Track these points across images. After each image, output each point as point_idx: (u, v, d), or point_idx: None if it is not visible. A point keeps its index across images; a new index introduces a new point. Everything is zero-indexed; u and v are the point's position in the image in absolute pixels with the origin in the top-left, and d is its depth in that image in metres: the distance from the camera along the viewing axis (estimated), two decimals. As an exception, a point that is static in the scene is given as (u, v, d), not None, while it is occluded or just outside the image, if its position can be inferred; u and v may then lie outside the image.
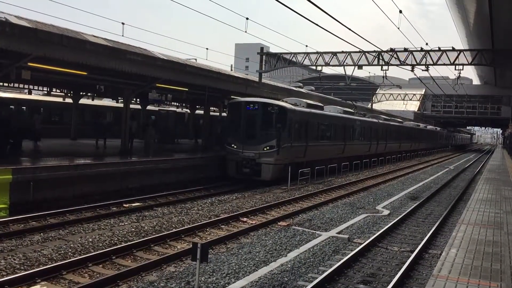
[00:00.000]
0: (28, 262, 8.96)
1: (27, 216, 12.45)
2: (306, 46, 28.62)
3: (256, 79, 27.29)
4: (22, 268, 8.67)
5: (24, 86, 28.72)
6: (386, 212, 16.07)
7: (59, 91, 29.67)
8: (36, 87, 29.63)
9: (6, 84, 26.39)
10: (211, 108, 33.64)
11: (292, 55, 28.67)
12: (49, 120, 29.45)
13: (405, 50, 26.13)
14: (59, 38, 14.26)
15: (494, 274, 6.79)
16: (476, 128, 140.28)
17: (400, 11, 22.13)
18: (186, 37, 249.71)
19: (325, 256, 10.31)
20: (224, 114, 32.10)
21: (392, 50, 26.28)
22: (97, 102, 34.30)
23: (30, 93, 31.01)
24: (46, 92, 31.20)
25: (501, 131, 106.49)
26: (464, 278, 6.55)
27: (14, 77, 15.81)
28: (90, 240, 10.68)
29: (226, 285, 8.17)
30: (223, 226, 13.07)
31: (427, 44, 26.99)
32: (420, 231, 13.45)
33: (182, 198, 16.96)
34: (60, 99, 30.09)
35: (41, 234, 11.22)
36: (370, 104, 59.52)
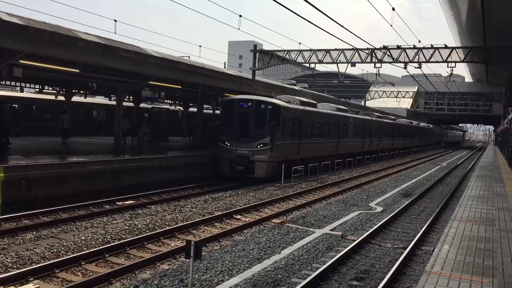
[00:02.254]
0: (21, 260, 8.91)
1: (20, 215, 12.38)
2: (300, 43, 28.64)
3: (250, 76, 27.27)
4: (14, 266, 8.62)
5: (15, 83, 28.51)
6: (379, 209, 16.13)
7: (51, 88, 29.48)
8: (28, 85, 29.42)
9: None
10: (204, 106, 33.55)
11: (286, 52, 28.66)
12: (41, 118, 29.33)
13: (398, 47, 26.21)
14: (51, 35, 14.16)
15: (486, 270, 6.83)
16: (469, 125, 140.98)
17: (393, 9, 22.18)
18: (179, 34, 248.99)
19: (318, 253, 10.34)
20: (217, 111, 32.06)
21: (385, 47, 26.35)
22: (90, 99, 34.13)
23: (22, 90, 30.79)
24: (38, 89, 30.98)
25: (493, 128, 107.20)
26: (456, 274, 6.58)
27: (6, 74, 15.69)
28: (83, 238, 10.63)
29: (220, 282, 8.16)
30: (216, 224, 13.06)
31: (419, 41, 27.11)
32: (413, 228, 13.51)
33: (176, 196, 16.92)
34: (52, 97, 29.92)
35: (34, 232, 11.16)
36: (363, 101, 59.65)
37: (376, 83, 47.75)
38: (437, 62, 25.97)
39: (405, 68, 27.21)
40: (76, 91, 28.38)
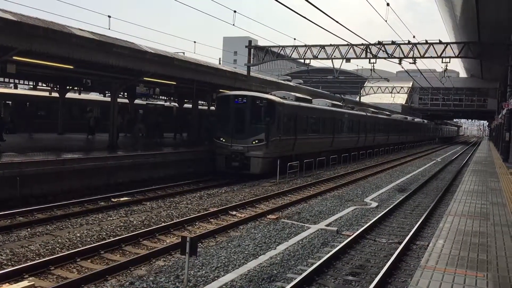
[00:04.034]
0: (16, 257, 8.88)
1: (14, 212, 12.33)
2: (294, 39, 28.61)
3: (245, 72, 27.23)
4: (9, 263, 8.59)
5: (9, 80, 28.37)
6: (374, 204, 16.17)
7: (45, 85, 29.34)
8: (21, 81, 29.29)
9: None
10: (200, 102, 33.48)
11: (280, 48, 28.64)
12: (36, 115, 29.19)
13: (393, 43, 26.26)
14: (44, 31, 14.08)
15: (481, 265, 6.87)
16: (463, 120, 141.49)
17: (388, 4, 22.22)
18: (174, 30, 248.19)
19: (314, 248, 10.36)
20: (212, 107, 32.03)
21: (379, 43, 26.40)
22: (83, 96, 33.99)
23: (16, 87, 30.65)
24: (32, 86, 30.84)
25: (487, 123, 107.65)
26: (451, 268, 6.62)
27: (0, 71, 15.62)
28: (78, 235, 10.61)
29: (216, 278, 8.17)
30: (212, 220, 13.06)
31: (414, 37, 27.18)
32: (408, 223, 13.56)
33: (171, 192, 16.91)
34: (46, 93, 29.78)
35: (28, 229, 11.12)
36: (358, 97, 59.72)
37: (371, 78, 47.76)
38: (431, 57, 26.04)
39: (399, 63, 27.26)
40: (70, 87, 28.25)
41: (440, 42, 25.81)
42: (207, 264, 8.89)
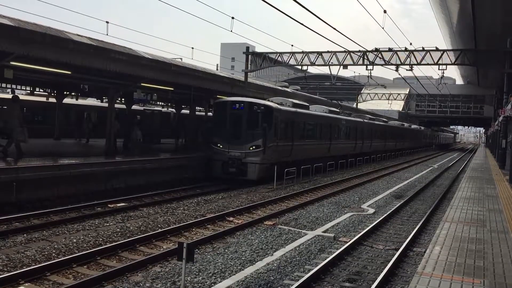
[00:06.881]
0: (11, 263, 8.83)
1: (10, 217, 12.27)
2: (292, 45, 28.74)
3: (242, 78, 27.28)
4: (5, 269, 8.54)
5: (6, 85, 28.34)
6: (371, 210, 16.18)
7: (42, 90, 29.32)
8: (19, 87, 29.26)
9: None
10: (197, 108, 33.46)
11: (278, 54, 28.71)
12: (32, 120, 29.14)
13: (390, 50, 26.35)
14: (42, 37, 14.08)
15: (477, 271, 6.88)
16: (459, 127, 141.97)
17: (385, 11, 22.34)
18: (172, 36, 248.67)
19: (311, 255, 10.35)
20: (209, 113, 32.02)
21: (376, 50, 26.50)
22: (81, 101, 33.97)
23: (13, 92, 30.60)
24: (29, 91, 30.80)
25: (483, 130, 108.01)
26: (447, 275, 6.62)
27: (-4, 76, 15.61)
28: (75, 240, 10.56)
29: (212, 284, 8.15)
30: (209, 226, 13.03)
31: (411, 44, 27.36)
32: (405, 229, 13.56)
33: (168, 198, 16.86)
34: (43, 99, 29.75)
35: (25, 235, 11.05)
36: (355, 103, 59.88)
37: (368, 85, 47.99)
38: (428, 64, 26.15)
39: (396, 70, 27.36)
40: (68, 92, 28.23)
41: (437, 49, 25.94)
42: (204, 270, 8.87)
